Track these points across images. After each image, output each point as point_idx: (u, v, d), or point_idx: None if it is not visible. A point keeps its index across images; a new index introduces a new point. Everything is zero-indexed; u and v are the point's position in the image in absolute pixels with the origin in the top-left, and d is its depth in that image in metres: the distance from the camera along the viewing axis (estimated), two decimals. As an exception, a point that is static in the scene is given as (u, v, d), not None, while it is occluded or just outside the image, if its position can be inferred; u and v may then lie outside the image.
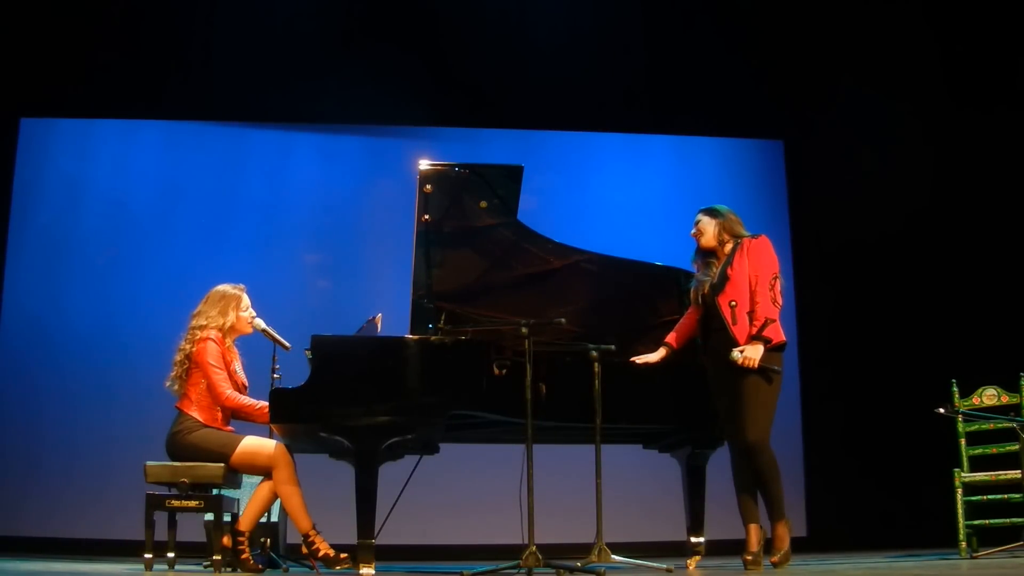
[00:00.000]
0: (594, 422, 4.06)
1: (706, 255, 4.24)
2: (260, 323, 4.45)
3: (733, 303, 4.08)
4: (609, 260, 4.51)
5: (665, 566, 4.04)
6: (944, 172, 7.27)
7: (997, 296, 6.97)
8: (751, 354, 3.96)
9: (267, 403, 4.10)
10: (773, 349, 4.02)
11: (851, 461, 7.03)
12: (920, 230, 7.28)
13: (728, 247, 4.19)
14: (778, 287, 4.10)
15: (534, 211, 4.65)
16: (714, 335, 4.14)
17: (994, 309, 6.92)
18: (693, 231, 4.25)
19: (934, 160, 7.28)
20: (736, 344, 4.02)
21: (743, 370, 3.98)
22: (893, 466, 6.86)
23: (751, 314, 4.04)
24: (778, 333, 4.05)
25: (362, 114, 7.31)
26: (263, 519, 4.43)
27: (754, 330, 4.01)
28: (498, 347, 4.01)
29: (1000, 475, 4.84)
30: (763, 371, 3.98)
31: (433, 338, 4.02)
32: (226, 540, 4.13)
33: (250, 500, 4.19)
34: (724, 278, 4.12)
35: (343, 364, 3.94)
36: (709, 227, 4.21)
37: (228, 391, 4.15)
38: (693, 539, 4.55)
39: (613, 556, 3.98)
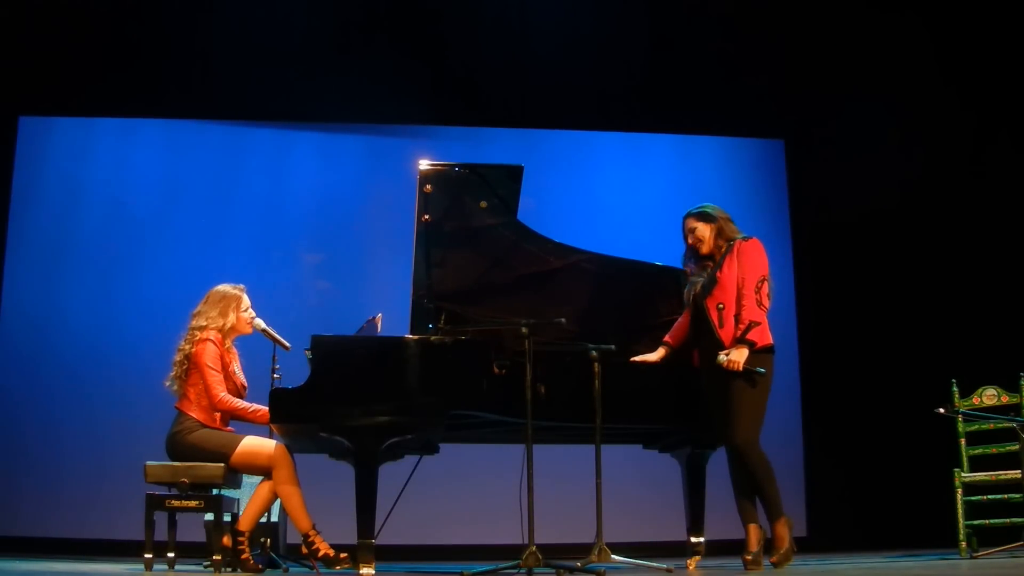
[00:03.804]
0: (594, 422, 4.05)
1: (704, 259, 4.23)
2: (260, 323, 4.45)
3: (720, 306, 4.09)
4: (609, 260, 4.51)
5: (665, 566, 4.04)
6: (944, 173, 7.27)
7: (997, 296, 6.97)
8: (735, 357, 3.97)
9: (260, 407, 4.12)
10: (761, 351, 4.02)
11: (851, 461, 7.03)
12: (920, 230, 7.28)
13: (722, 249, 4.19)
14: (765, 289, 4.10)
15: (534, 211, 4.64)
16: (704, 338, 4.15)
17: (994, 309, 6.92)
18: (691, 240, 4.22)
19: (934, 161, 7.28)
20: (722, 347, 4.03)
21: (729, 373, 3.99)
22: (893, 466, 6.86)
23: (737, 317, 4.04)
24: (763, 336, 4.04)
25: (362, 113, 7.30)
26: (263, 519, 4.43)
27: (738, 333, 4.01)
28: (498, 347, 4.01)
29: (1000, 475, 4.84)
30: (747, 374, 3.98)
31: (433, 338, 4.02)
32: (226, 540, 4.13)
33: (250, 500, 4.19)
34: (713, 281, 4.13)
35: (343, 364, 3.94)
36: (707, 233, 4.19)
37: (222, 394, 4.14)
38: (693, 539, 4.55)
39: (613, 556, 3.98)
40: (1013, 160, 7.16)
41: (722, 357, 3.99)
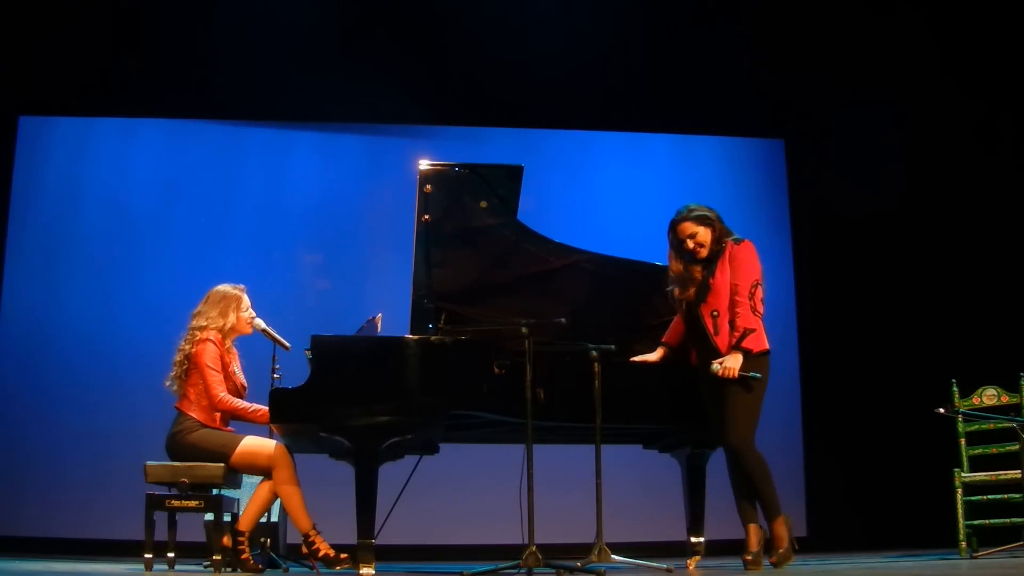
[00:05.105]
0: (594, 422, 4.05)
1: (700, 262, 4.19)
2: (260, 323, 4.45)
3: (715, 313, 4.08)
4: (609, 260, 4.51)
5: (665, 566, 4.04)
6: (944, 172, 7.26)
7: (997, 296, 6.97)
8: (730, 364, 3.97)
9: (261, 407, 4.12)
10: (756, 356, 4.02)
11: (851, 461, 7.03)
12: (921, 230, 7.28)
13: (714, 251, 4.16)
14: (759, 294, 4.08)
15: (534, 211, 4.64)
16: (699, 342, 4.15)
17: (994, 309, 6.92)
18: (691, 244, 4.15)
19: (934, 161, 7.28)
20: (718, 354, 4.02)
21: (725, 378, 3.98)
22: (893, 466, 6.86)
23: (732, 323, 4.04)
24: (759, 342, 4.04)
25: (362, 113, 7.30)
26: (263, 519, 4.43)
27: (733, 340, 4.01)
28: (498, 347, 4.01)
29: (1000, 475, 4.84)
30: (743, 380, 3.98)
31: (433, 338, 4.01)
32: (226, 540, 4.13)
33: (250, 500, 4.19)
34: (706, 288, 4.11)
35: (343, 364, 3.94)
36: (708, 237, 4.15)
37: (222, 394, 4.15)
38: (693, 539, 4.55)
39: (613, 556, 3.98)
40: (1013, 160, 7.16)
41: (716, 366, 3.98)
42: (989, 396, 5.06)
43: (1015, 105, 7.20)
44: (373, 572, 3.84)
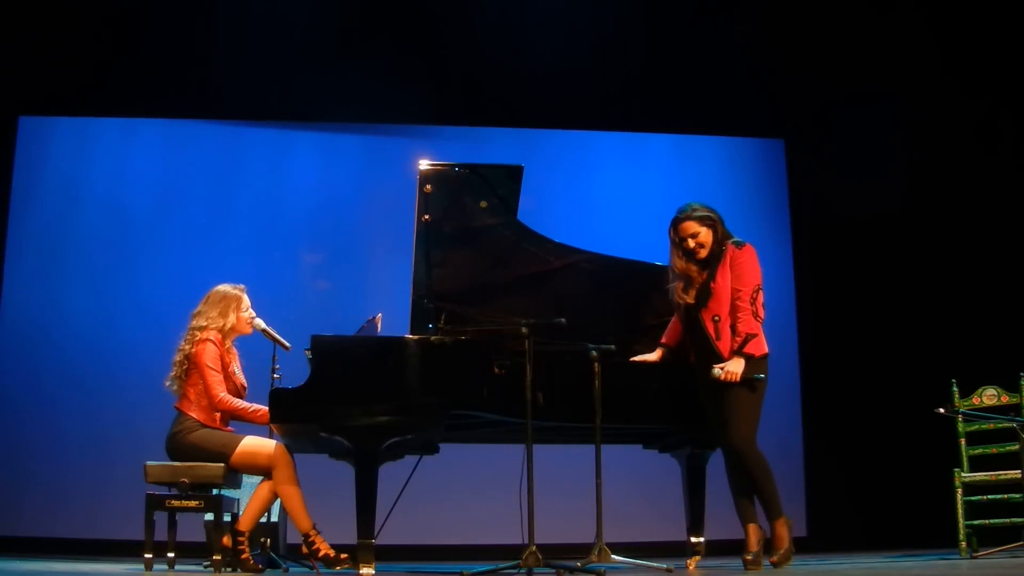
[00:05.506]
0: (594, 422, 4.05)
1: (699, 261, 4.17)
2: (260, 323, 4.45)
3: (716, 318, 4.07)
4: (609, 260, 4.50)
5: (665, 566, 4.04)
6: (945, 172, 7.26)
7: (997, 296, 6.97)
8: (733, 369, 3.97)
9: (261, 407, 4.12)
10: (758, 359, 4.01)
11: (851, 461, 7.03)
12: (921, 230, 7.28)
13: (715, 253, 4.15)
14: (760, 300, 4.08)
15: (534, 211, 4.64)
16: (698, 344, 4.14)
17: (994, 309, 6.92)
18: (692, 244, 4.13)
19: (935, 160, 7.28)
20: (719, 359, 4.02)
21: (727, 381, 3.98)
22: (893, 466, 6.86)
23: (733, 328, 4.03)
24: (760, 347, 4.04)
25: (362, 113, 7.30)
26: (263, 519, 4.43)
27: (735, 345, 4.01)
28: (498, 347, 4.01)
29: (1000, 475, 4.84)
30: (746, 381, 3.98)
31: (433, 338, 4.01)
32: (226, 540, 4.13)
33: (250, 500, 4.19)
34: (707, 292, 4.10)
35: (343, 364, 3.94)
36: (710, 238, 4.14)
37: (222, 394, 4.15)
38: (693, 539, 4.55)
39: (613, 556, 3.98)
40: (1013, 160, 7.16)
41: (717, 371, 3.97)
42: (989, 396, 5.06)
43: (1015, 105, 7.20)
44: (373, 572, 3.84)
